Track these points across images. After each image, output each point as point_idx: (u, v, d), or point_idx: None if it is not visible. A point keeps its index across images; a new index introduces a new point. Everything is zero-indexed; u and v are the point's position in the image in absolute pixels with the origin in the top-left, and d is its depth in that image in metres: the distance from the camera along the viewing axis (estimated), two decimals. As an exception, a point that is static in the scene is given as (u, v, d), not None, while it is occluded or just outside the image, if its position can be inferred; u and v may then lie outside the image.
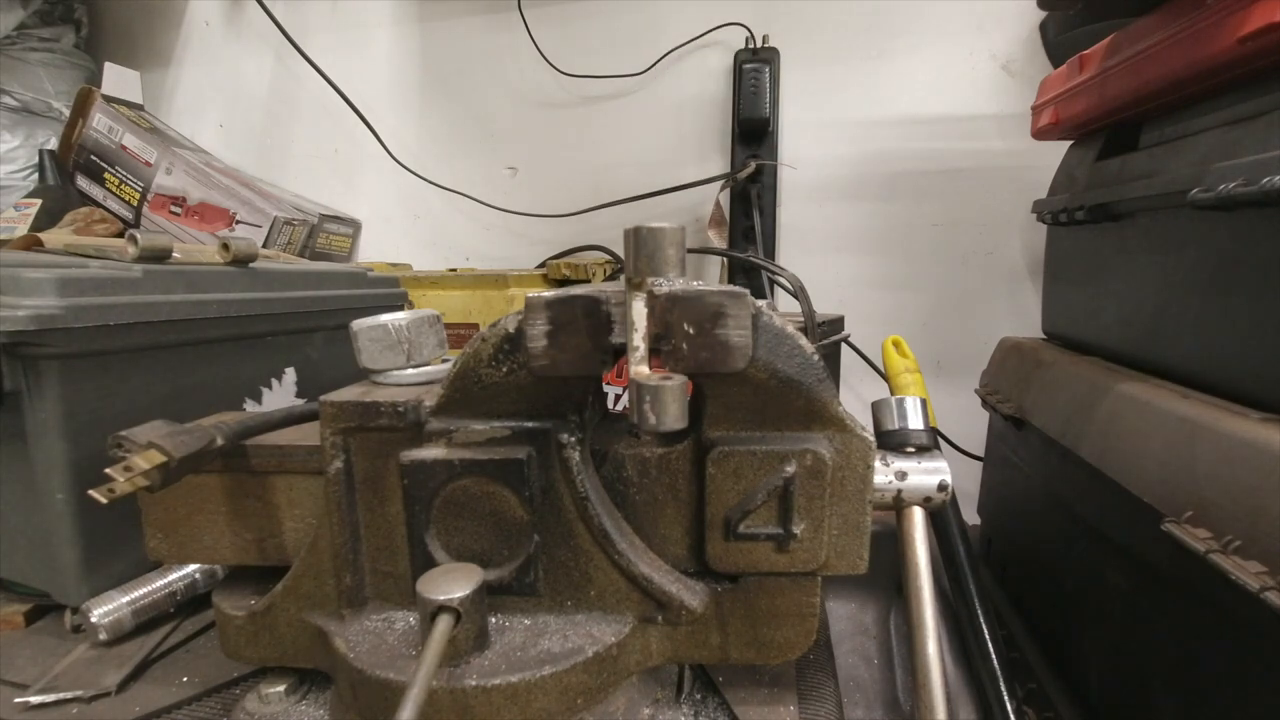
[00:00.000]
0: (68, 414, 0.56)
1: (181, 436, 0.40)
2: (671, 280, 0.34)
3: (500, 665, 0.38)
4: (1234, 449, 0.43)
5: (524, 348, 0.37)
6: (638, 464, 0.42)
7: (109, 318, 0.57)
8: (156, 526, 0.47)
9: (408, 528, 0.42)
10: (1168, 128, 0.62)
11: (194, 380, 0.68)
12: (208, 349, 0.69)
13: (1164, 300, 0.58)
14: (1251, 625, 0.40)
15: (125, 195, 1.31)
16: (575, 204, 1.33)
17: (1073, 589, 0.64)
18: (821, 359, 0.39)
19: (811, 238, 1.26)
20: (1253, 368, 0.48)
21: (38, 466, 0.56)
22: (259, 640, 0.46)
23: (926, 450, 0.45)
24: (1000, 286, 1.19)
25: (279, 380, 0.79)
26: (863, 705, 0.59)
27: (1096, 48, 0.70)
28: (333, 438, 0.41)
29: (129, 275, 0.61)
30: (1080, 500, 0.62)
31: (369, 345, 0.45)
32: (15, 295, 0.53)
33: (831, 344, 0.85)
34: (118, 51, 1.51)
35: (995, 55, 1.13)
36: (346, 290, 0.88)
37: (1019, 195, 1.12)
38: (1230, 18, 0.48)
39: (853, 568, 0.42)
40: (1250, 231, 0.48)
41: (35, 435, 0.56)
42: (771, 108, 1.19)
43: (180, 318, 0.64)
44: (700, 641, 0.44)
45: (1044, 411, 0.70)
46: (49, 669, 0.55)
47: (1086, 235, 0.74)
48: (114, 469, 0.38)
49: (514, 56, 1.34)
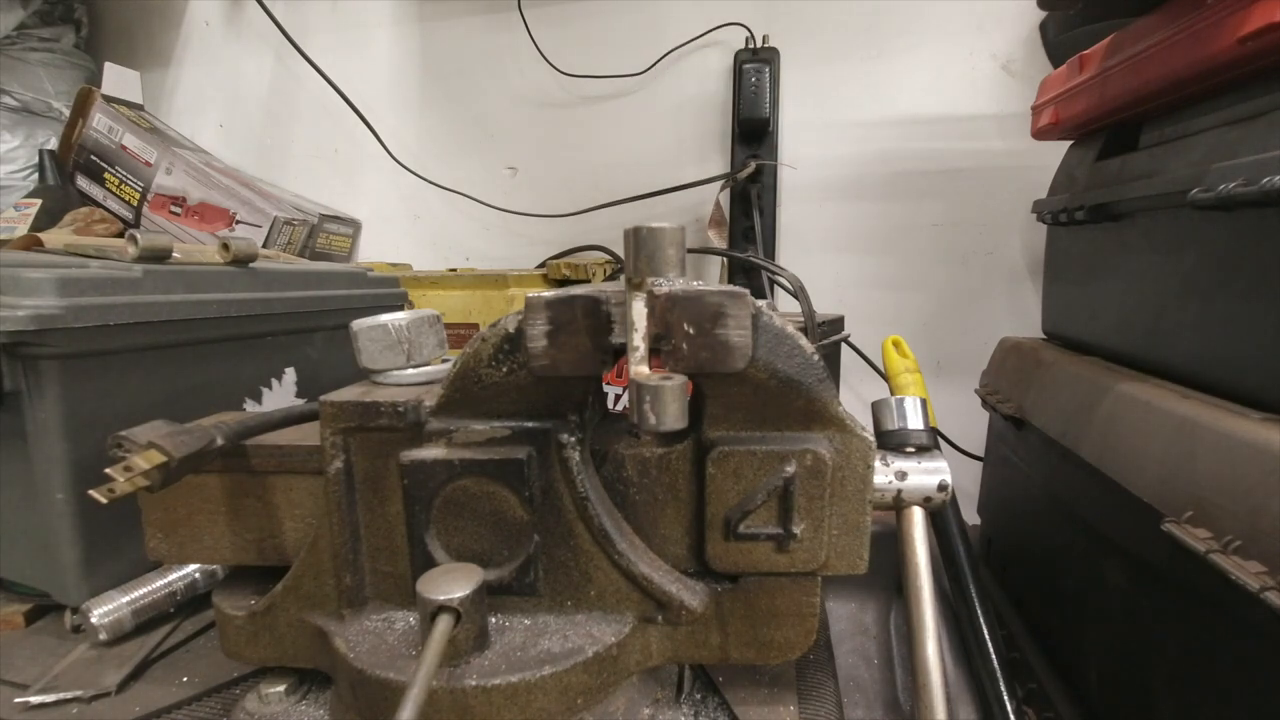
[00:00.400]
0: (68, 414, 0.56)
1: (181, 436, 0.40)
2: (671, 280, 0.34)
3: (500, 665, 0.38)
4: (1234, 449, 0.43)
5: (524, 348, 0.37)
6: (638, 464, 0.42)
7: (109, 318, 0.57)
8: (156, 526, 0.47)
9: (408, 528, 0.42)
10: (1168, 128, 0.62)
11: (194, 380, 0.68)
12: (208, 349, 0.69)
13: (1164, 300, 0.58)
14: (1251, 625, 0.40)
15: (125, 195, 1.31)
16: (575, 204, 1.33)
17: (1073, 589, 0.64)
18: (821, 359, 0.38)
19: (811, 238, 1.26)
20: (1253, 368, 0.48)
21: (38, 466, 0.56)
22: (259, 640, 0.46)
23: (926, 450, 0.45)
24: (1000, 286, 1.19)
25: (279, 380, 0.79)
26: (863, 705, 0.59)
27: (1096, 48, 0.70)
28: (333, 438, 0.41)
29: (129, 275, 0.61)
30: (1080, 500, 0.61)
31: (369, 345, 0.45)
32: (15, 295, 0.53)
33: (831, 344, 0.85)
34: (118, 51, 1.51)
35: (995, 55, 1.13)
36: (346, 290, 0.88)
37: (1019, 195, 1.12)
38: (1230, 18, 0.48)
39: (853, 568, 0.42)
40: (1250, 231, 0.48)
41: (35, 435, 0.56)
42: (771, 108, 1.19)
43: (180, 318, 0.64)
44: (700, 641, 0.44)
45: (1044, 411, 0.70)
46: (49, 669, 0.55)
47: (1086, 235, 0.74)
48: (114, 469, 0.38)
49: (514, 56, 1.34)
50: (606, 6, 1.28)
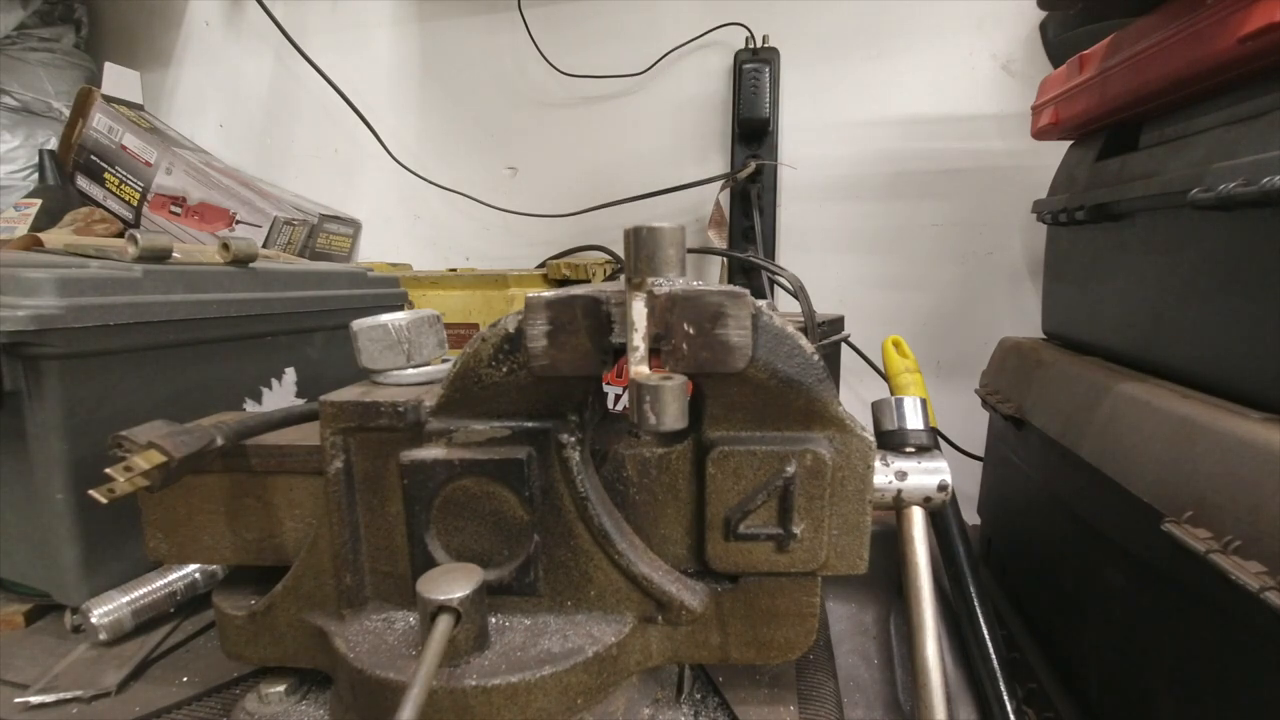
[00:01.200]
0: (68, 414, 0.56)
1: (181, 436, 0.40)
2: (671, 280, 0.34)
3: (500, 665, 0.38)
4: (1234, 449, 0.43)
5: (524, 348, 0.37)
6: (638, 464, 0.42)
7: (109, 318, 0.57)
8: (156, 526, 0.47)
9: (408, 528, 0.42)
10: (1168, 128, 0.62)
11: (194, 380, 0.68)
12: (208, 349, 0.69)
13: (1164, 300, 0.58)
14: (1251, 625, 0.40)
15: (125, 195, 1.31)
16: (575, 204, 1.33)
17: (1073, 589, 0.64)
18: (821, 359, 0.38)
19: (811, 238, 1.26)
20: (1253, 368, 0.48)
21: (38, 466, 0.56)
22: (259, 640, 0.46)
23: (926, 450, 0.45)
24: (1000, 286, 1.19)
25: (279, 380, 0.79)
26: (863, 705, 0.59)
27: (1096, 48, 0.70)
28: (333, 438, 0.41)
29: (129, 275, 0.61)
30: (1080, 500, 0.61)
31: (369, 345, 0.45)
32: (15, 295, 0.53)
33: (831, 344, 0.85)
34: (118, 51, 1.51)
35: (995, 55, 1.13)
36: (346, 290, 0.88)
37: (1019, 195, 1.12)
38: (1230, 18, 0.48)
39: (853, 568, 0.42)
40: (1250, 231, 0.48)
41: (35, 435, 0.56)
42: (771, 108, 1.19)
43: (180, 318, 0.64)
44: (700, 641, 0.44)
45: (1044, 411, 0.70)
46: (49, 669, 0.55)
47: (1086, 235, 0.74)
48: (114, 469, 0.38)
49: (514, 56, 1.34)
50: (606, 6, 1.28)
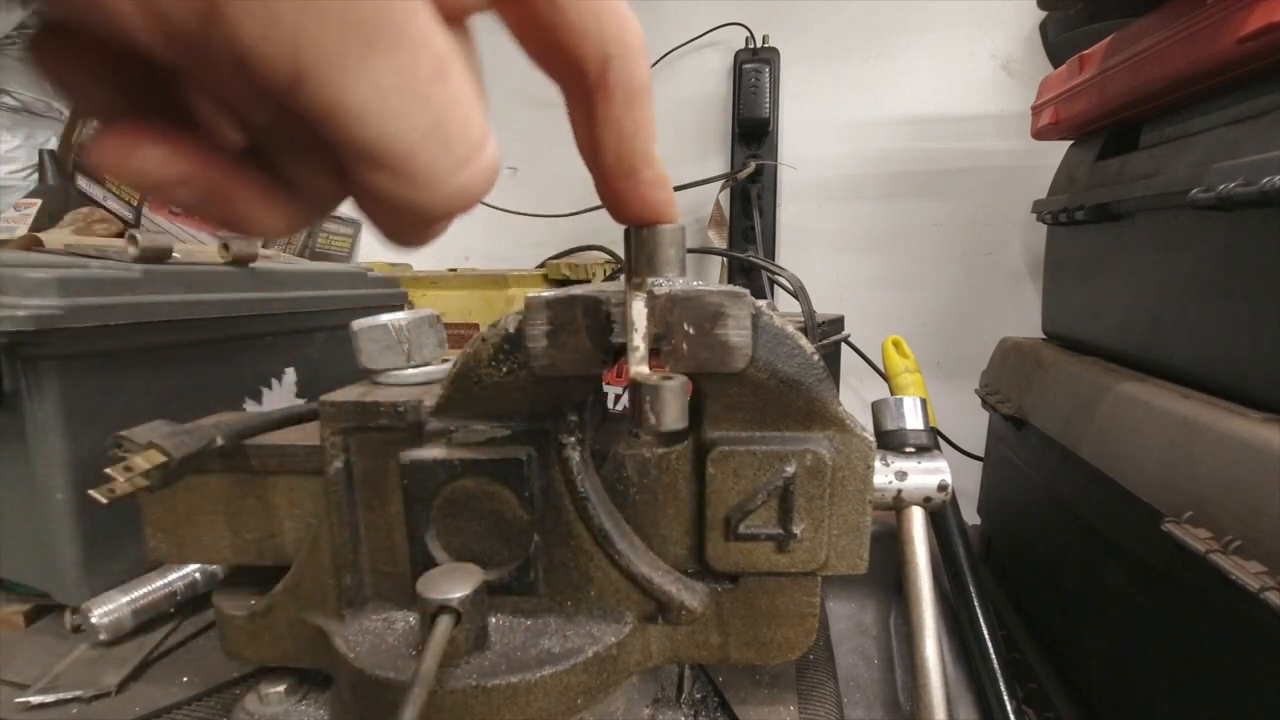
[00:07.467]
0: (68, 414, 0.56)
1: (181, 436, 0.40)
2: (671, 280, 0.34)
3: (500, 665, 0.38)
4: (1234, 449, 0.43)
5: (524, 348, 0.37)
6: (638, 464, 0.42)
7: (109, 318, 0.57)
8: (156, 526, 0.47)
9: (408, 528, 0.42)
10: (1168, 128, 0.62)
11: (194, 380, 0.68)
12: (208, 349, 0.69)
13: (1164, 300, 0.58)
14: (1251, 625, 0.40)
15: (125, 195, 1.31)
16: (575, 204, 1.33)
17: (1073, 589, 0.64)
18: (821, 359, 0.38)
19: (811, 238, 1.26)
20: (1253, 368, 0.48)
21: (38, 466, 0.56)
22: (259, 640, 0.46)
23: (926, 450, 0.45)
24: (1000, 286, 1.19)
25: (279, 380, 0.79)
26: (863, 705, 0.59)
27: (1096, 48, 0.70)
28: (333, 438, 0.41)
29: (129, 275, 0.61)
30: (1080, 500, 0.61)
31: (369, 345, 0.45)
32: (15, 295, 0.53)
33: (831, 344, 0.85)
34: (118, 51, 1.50)
35: (995, 55, 1.13)
36: (346, 290, 0.88)
37: (1019, 195, 1.12)
38: (1230, 18, 0.48)
39: (853, 568, 0.42)
40: (1250, 232, 0.48)
41: (35, 435, 0.56)
42: (771, 108, 1.19)
43: (180, 318, 0.64)
44: (700, 641, 0.44)
45: (1044, 411, 0.70)
46: (49, 669, 0.55)
47: (1086, 235, 0.74)
48: (114, 469, 0.38)
49: (514, 56, 1.34)
50: (606, 6, 1.28)
